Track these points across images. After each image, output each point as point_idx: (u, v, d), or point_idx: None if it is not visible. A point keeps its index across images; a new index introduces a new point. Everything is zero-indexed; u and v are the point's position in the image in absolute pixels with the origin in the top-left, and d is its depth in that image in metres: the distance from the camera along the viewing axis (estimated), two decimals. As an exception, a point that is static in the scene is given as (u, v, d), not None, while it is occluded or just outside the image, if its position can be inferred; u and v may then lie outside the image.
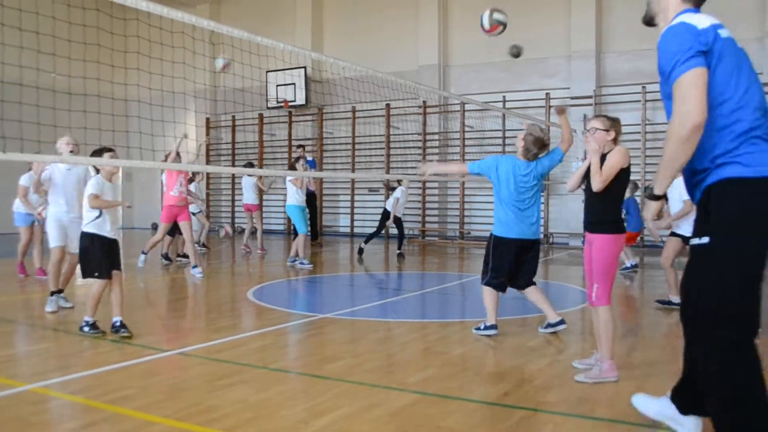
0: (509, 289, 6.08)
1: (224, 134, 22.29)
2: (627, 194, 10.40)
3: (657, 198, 3.08)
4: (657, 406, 3.46)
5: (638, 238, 11.56)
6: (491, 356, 5.28)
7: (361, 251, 13.17)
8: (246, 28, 6.17)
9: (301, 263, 11.13)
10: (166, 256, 11.74)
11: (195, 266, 10.08)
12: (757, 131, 2.83)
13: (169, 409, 3.90)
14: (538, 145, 6.01)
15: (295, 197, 11.36)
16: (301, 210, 11.42)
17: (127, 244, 16.96)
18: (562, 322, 6.02)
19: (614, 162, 4.57)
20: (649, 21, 3.22)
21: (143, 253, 10.68)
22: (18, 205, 9.49)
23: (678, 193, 7.29)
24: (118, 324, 5.83)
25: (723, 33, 2.91)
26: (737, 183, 2.80)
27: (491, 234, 5.98)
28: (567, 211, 16.49)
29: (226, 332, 6.11)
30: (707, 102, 2.75)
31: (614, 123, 4.72)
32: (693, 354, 3.06)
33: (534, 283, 6.08)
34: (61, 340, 5.87)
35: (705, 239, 2.86)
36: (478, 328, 5.97)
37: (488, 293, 5.95)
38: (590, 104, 16.02)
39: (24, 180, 9.04)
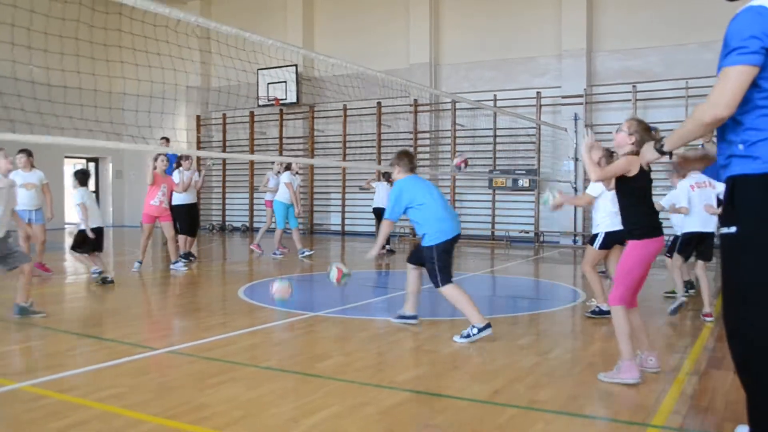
0: (510, 288, 6.09)
1: (215, 132, 22.23)
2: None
3: (662, 153, 3.26)
4: None
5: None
6: (481, 354, 5.29)
7: (390, 251, 13.47)
8: (237, 25, 6.15)
9: (274, 254, 12.22)
10: (186, 255, 11.50)
11: (175, 262, 10.48)
12: None
13: (159, 407, 3.89)
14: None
15: (282, 194, 12.15)
16: (284, 206, 12.18)
17: (119, 243, 16.89)
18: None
19: (616, 164, 4.46)
20: None
21: (138, 262, 10.52)
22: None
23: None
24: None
25: None
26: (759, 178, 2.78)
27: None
28: (558, 210, 16.49)
29: (217, 330, 6.09)
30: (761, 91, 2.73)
31: (642, 130, 4.37)
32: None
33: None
34: (51, 338, 5.84)
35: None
36: (468, 336, 5.66)
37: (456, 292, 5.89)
38: (581, 103, 16.06)
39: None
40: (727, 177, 2.89)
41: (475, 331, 5.63)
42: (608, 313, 6.29)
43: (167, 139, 12.09)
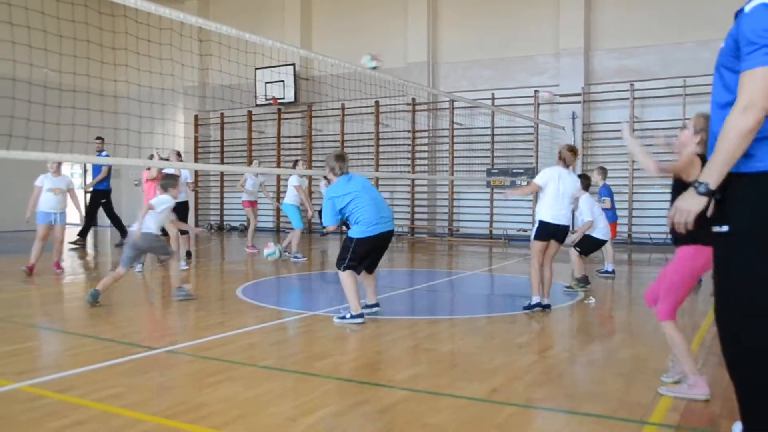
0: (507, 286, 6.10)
1: (213, 131, 22.22)
2: (599, 181, 10.31)
3: (712, 194, 2.78)
4: None
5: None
6: (480, 353, 5.30)
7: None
8: (235, 25, 6.15)
9: (295, 257, 11.76)
10: (187, 254, 11.64)
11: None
12: None
13: (157, 407, 3.89)
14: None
15: (291, 197, 12.14)
16: (296, 208, 12.10)
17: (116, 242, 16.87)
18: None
19: (680, 162, 4.06)
20: None
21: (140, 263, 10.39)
22: (40, 205, 10.04)
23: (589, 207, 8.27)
24: None
25: None
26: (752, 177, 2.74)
27: None
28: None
29: (215, 330, 6.09)
30: None
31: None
32: None
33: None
34: (49, 338, 5.84)
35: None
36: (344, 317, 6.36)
37: None
38: (578, 102, 16.07)
39: (38, 180, 10.00)
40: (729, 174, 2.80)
41: (349, 315, 6.34)
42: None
43: (179, 153, 12.02)
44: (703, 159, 3.93)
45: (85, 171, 24.09)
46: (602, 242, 8.79)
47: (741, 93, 2.63)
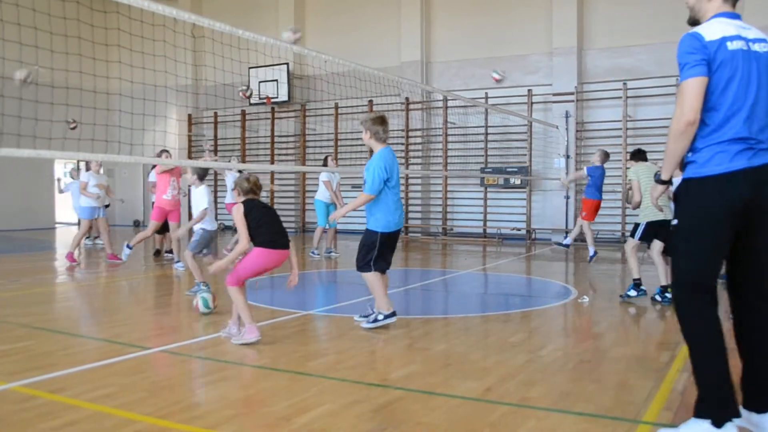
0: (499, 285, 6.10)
1: (206, 130, 22.16)
2: (597, 161, 10.50)
3: (663, 182, 3.59)
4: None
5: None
6: (474, 352, 5.30)
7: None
8: (228, 23, 6.12)
9: (312, 253, 12.31)
10: (157, 252, 11.97)
11: (178, 261, 10.33)
12: (724, 135, 3.26)
13: (151, 406, 3.88)
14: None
15: (322, 193, 12.22)
16: (324, 205, 12.22)
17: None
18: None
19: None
20: (693, 23, 3.51)
21: (128, 247, 10.32)
22: (83, 200, 11.24)
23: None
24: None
25: (733, 45, 3.24)
26: (694, 181, 3.34)
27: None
28: (550, 207, 16.58)
29: (209, 329, 6.08)
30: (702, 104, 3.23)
31: None
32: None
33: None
34: (42, 337, 5.81)
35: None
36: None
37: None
38: (572, 101, 16.10)
39: (84, 176, 11.40)
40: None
41: (381, 316, 6.01)
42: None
43: (169, 153, 12.01)
44: None
45: (79, 170, 24.02)
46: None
47: (676, 102, 3.29)
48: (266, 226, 5.58)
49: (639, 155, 8.27)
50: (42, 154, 5.80)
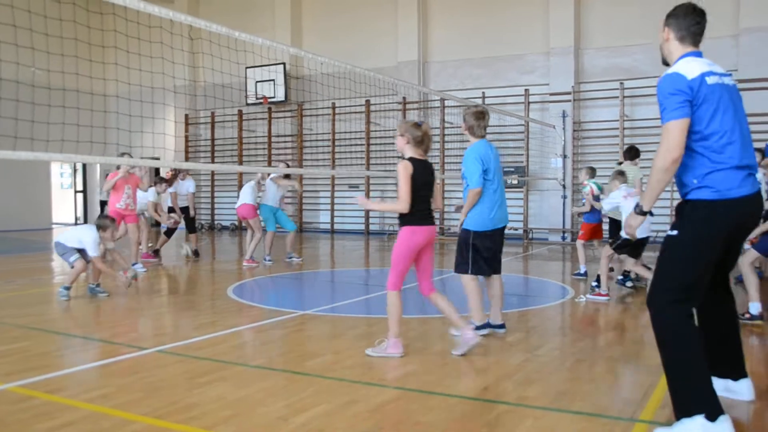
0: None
1: (203, 131, 22.15)
2: (585, 178, 10.02)
3: (644, 214, 3.65)
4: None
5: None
6: (471, 352, 5.30)
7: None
8: (224, 24, 6.12)
9: (265, 259, 11.36)
10: (155, 252, 11.90)
11: (135, 263, 10.01)
12: (729, 162, 3.41)
13: (147, 407, 3.88)
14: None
15: (271, 198, 11.28)
16: (272, 210, 11.33)
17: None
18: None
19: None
20: (666, 63, 3.75)
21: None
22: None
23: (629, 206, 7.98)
24: None
25: (710, 80, 3.43)
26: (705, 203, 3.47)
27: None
28: (547, 207, 16.60)
29: (206, 329, 6.07)
30: (690, 136, 3.40)
31: None
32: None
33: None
34: (39, 338, 5.80)
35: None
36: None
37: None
38: (569, 100, 16.11)
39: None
40: (685, 199, 3.57)
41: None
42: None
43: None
44: None
45: (75, 171, 24.00)
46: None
47: (660, 141, 3.44)
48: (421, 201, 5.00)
49: (631, 153, 8.29)
50: (39, 156, 5.79)
